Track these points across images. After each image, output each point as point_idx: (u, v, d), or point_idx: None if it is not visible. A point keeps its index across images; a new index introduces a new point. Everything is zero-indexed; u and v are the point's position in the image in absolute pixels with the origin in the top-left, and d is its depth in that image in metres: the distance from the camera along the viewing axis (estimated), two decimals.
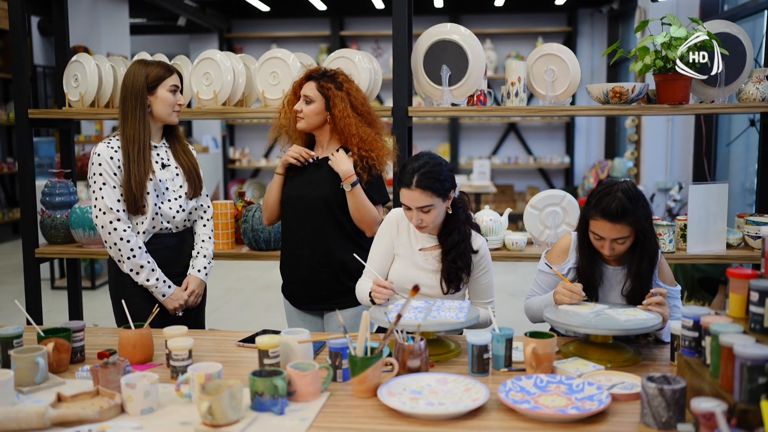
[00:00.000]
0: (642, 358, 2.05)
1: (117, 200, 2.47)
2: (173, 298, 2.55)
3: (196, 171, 2.69)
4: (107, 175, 2.47)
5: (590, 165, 10.00)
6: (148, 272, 2.49)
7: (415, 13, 10.82)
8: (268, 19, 10.56)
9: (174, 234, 2.61)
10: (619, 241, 2.15)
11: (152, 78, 2.51)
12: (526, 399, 1.71)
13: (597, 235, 2.17)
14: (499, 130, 10.54)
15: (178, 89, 2.57)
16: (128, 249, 2.46)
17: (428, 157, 2.31)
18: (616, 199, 2.11)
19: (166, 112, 2.54)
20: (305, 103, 2.66)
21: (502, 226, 3.21)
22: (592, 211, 2.16)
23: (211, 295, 6.31)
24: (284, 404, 1.67)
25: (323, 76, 2.67)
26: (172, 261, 2.61)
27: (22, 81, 3.30)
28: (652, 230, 2.19)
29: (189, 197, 2.64)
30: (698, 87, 3.10)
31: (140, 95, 2.50)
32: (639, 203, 2.13)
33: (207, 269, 2.68)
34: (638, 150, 7.16)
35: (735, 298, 1.66)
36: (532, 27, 10.10)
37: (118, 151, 2.50)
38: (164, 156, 2.61)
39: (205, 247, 2.69)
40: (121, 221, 2.46)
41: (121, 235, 2.45)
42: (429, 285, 2.37)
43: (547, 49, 3.15)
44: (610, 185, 2.17)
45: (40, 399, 1.75)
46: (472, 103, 3.20)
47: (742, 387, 1.40)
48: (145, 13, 9.89)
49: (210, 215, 2.75)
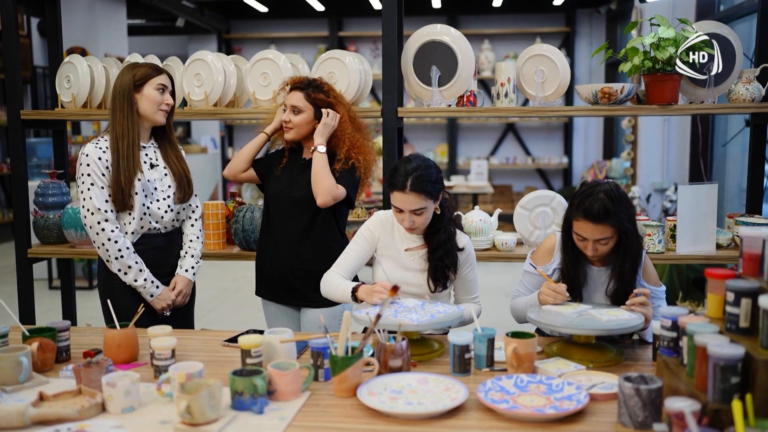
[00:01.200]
0: (625, 358, 2.06)
1: (105, 201, 2.48)
2: (161, 298, 2.56)
3: (187, 177, 2.68)
4: (95, 176, 2.48)
5: (588, 165, 10.00)
6: (136, 272, 2.50)
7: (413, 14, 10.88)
8: (267, 20, 10.58)
9: (162, 234, 2.62)
10: (602, 242, 2.16)
11: (139, 76, 2.52)
12: (505, 399, 1.72)
13: (580, 236, 2.18)
14: (497, 131, 10.54)
15: (166, 89, 2.57)
16: (116, 249, 2.47)
17: (420, 160, 2.33)
18: (598, 200, 2.12)
19: (151, 110, 2.54)
20: (293, 113, 2.69)
21: (491, 227, 3.22)
22: (574, 212, 2.17)
23: (207, 295, 6.34)
24: (264, 403, 1.68)
25: (309, 86, 2.71)
26: (160, 261, 2.62)
27: (15, 82, 3.31)
28: (635, 231, 2.20)
29: (178, 201, 2.65)
30: (688, 88, 3.10)
31: (127, 93, 2.51)
32: (621, 204, 2.14)
33: (195, 269, 2.69)
34: (635, 150, 7.16)
35: (712, 299, 1.67)
36: (530, 27, 10.10)
37: (106, 152, 2.50)
38: (153, 156, 2.61)
39: (193, 247, 2.70)
40: (109, 222, 2.47)
41: (109, 236, 2.46)
42: (416, 284, 2.39)
43: (537, 49, 3.16)
44: (593, 186, 2.19)
45: (24, 398, 1.76)
46: (462, 103, 3.21)
47: (715, 387, 1.41)
48: (144, 15, 9.91)
49: (198, 215, 2.76)
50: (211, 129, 10.84)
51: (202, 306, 6.03)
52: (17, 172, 3.32)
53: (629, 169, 7.30)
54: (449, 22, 10.04)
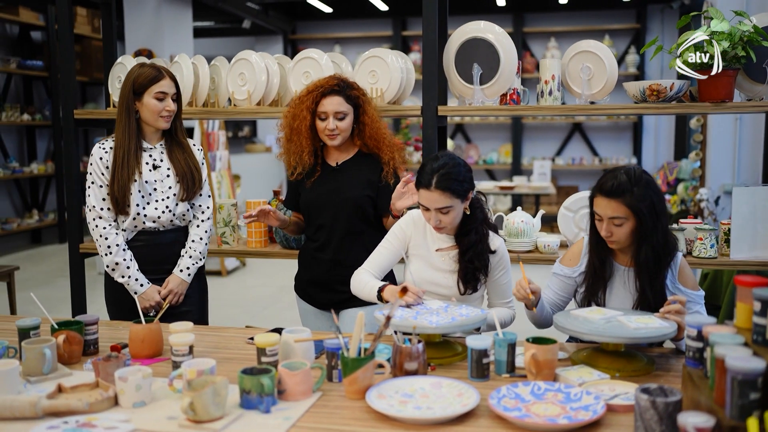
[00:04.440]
0: (656, 368, 1.96)
1: (102, 199, 2.60)
2: (144, 297, 2.61)
3: (193, 175, 2.70)
4: (95, 175, 2.61)
5: (659, 166, 9.65)
6: (123, 269, 2.59)
7: (477, 12, 10.79)
8: (332, 20, 10.67)
9: (161, 232, 2.67)
10: (615, 222, 2.12)
11: (139, 84, 2.58)
12: (517, 406, 1.65)
13: (597, 215, 2.16)
14: (563, 131, 10.30)
15: (167, 96, 2.60)
16: (105, 246, 2.58)
17: (447, 158, 2.28)
18: (615, 178, 2.12)
19: (152, 118, 2.61)
20: (339, 120, 2.63)
21: (534, 228, 3.13)
22: (594, 190, 2.17)
23: (263, 293, 6.43)
24: (270, 402, 1.67)
25: (345, 87, 2.66)
26: (161, 258, 2.68)
27: (69, 82, 3.43)
28: (656, 221, 2.12)
29: (181, 199, 2.68)
30: (746, 84, 2.93)
31: (127, 101, 2.59)
32: (639, 185, 2.10)
33: (191, 270, 2.70)
34: (704, 151, 6.84)
35: (741, 308, 1.56)
36: (598, 24, 9.82)
37: (108, 152, 2.62)
38: (157, 157, 2.67)
39: (194, 248, 2.72)
40: (102, 219, 2.59)
41: (101, 233, 2.58)
42: (446, 285, 2.34)
43: (584, 46, 3.04)
44: (619, 168, 2.18)
45: (45, 389, 1.81)
46: (505, 101, 3.13)
47: (733, 402, 1.32)
48: (211, 17, 10.14)
49: (207, 216, 2.79)
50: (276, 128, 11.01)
51: (257, 303, 6.12)
52: (70, 170, 3.44)
53: (697, 170, 6.99)
54: (514, 21, 9.90)
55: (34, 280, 7.01)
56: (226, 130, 7.94)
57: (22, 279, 6.90)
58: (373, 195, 2.68)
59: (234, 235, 3.37)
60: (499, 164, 10.26)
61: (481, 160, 10.33)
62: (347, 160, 2.75)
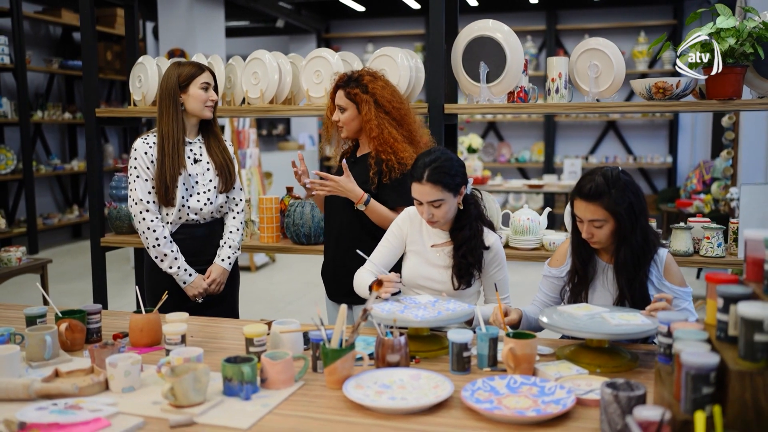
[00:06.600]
0: (639, 365, 1.96)
1: (148, 192, 2.66)
2: (193, 286, 2.70)
3: (229, 168, 2.81)
4: (141, 169, 2.66)
5: (695, 165, 9.47)
6: (171, 260, 2.66)
7: (510, 10, 10.67)
8: (365, 19, 10.74)
9: (201, 225, 2.76)
10: (595, 224, 2.14)
11: (184, 77, 2.67)
12: (490, 399, 1.68)
13: (578, 217, 2.18)
14: (597, 129, 10.19)
15: (210, 86, 2.71)
16: (154, 238, 2.63)
17: (440, 152, 2.33)
18: (592, 180, 2.13)
19: (198, 107, 2.70)
20: (340, 112, 2.73)
21: (540, 226, 3.14)
22: (573, 192, 2.19)
23: (289, 288, 6.53)
24: (251, 390, 1.73)
25: (349, 83, 2.71)
26: (199, 250, 2.76)
27: (91, 81, 3.55)
28: (635, 221, 2.13)
29: (220, 191, 2.77)
30: (756, 81, 2.90)
31: (173, 94, 2.66)
32: (617, 187, 2.11)
33: (231, 259, 2.80)
34: (735, 149, 6.70)
35: (711, 305, 1.56)
36: (633, 21, 9.68)
37: (152, 147, 2.68)
38: (197, 152, 2.75)
39: (232, 238, 2.82)
40: (149, 212, 2.64)
41: (149, 225, 2.63)
42: (440, 281, 2.38)
43: (592, 43, 3.05)
44: (596, 169, 2.18)
45: (45, 373, 1.90)
46: (512, 99, 3.15)
47: (687, 396, 1.33)
48: (245, 16, 10.30)
49: (241, 208, 2.88)
50: (309, 126, 11.15)
51: (283, 298, 6.22)
52: (92, 167, 3.57)
53: (729, 168, 6.85)
54: (548, 18, 9.83)
55: (72, 274, 7.23)
56: (257, 128, 8.06)
57: (60, 272, 7.15)
58: (374, 193, 2.72)
59: (247, 230, 3.45)
60: (531, 162, 10.20)
61: (513, 158, 10.29)
62: (363, 154, 2.79)
